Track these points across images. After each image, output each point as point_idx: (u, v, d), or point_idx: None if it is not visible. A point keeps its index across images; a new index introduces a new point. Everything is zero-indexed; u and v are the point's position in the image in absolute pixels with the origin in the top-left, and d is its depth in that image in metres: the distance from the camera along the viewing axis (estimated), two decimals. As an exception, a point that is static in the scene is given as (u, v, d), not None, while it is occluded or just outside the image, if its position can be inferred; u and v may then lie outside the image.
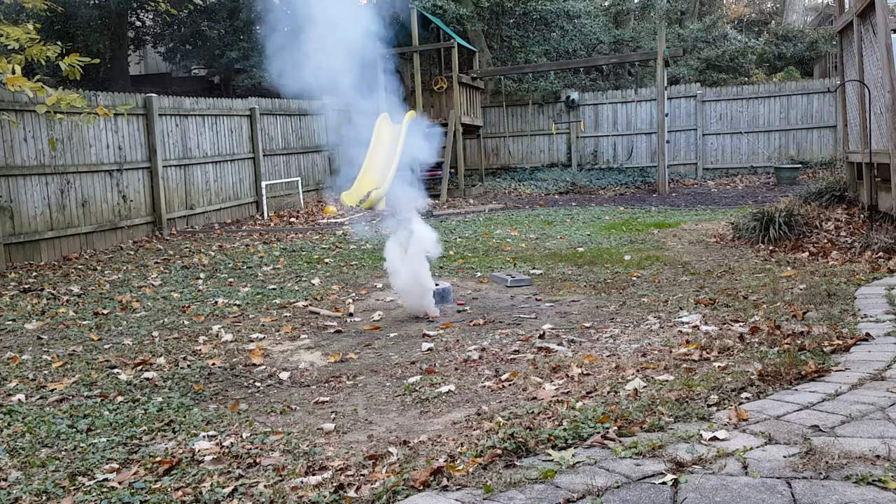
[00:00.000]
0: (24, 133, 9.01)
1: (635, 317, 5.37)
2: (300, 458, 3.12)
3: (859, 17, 8.03)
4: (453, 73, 15.96)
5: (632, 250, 8.35)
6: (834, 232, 7.88)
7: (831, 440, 2.71)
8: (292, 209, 14.33)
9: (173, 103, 11.78)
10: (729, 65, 20.34)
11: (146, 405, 3.93)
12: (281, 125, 14.72)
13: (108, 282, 7.76)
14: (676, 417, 3.05)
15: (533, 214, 12.64)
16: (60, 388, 4.31)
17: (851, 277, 5.92)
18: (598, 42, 21.15)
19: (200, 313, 6.22)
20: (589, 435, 2.89)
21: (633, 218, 11.51)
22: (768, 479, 2.43)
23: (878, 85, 7.38)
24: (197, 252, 9.52)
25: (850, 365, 3.67)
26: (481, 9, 19.38)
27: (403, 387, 4.08)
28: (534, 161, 19.23)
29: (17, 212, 8.89)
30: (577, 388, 3.72)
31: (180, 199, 11.80)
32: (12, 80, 6.48)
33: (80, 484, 2.99)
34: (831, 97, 16.45)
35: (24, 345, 5.46)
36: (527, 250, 8.81)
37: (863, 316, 4.69)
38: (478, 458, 2.74)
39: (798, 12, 27.19)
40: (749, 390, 3.38)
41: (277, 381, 4.39)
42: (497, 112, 19.31)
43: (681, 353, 4.13)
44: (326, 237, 10.59)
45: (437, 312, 5.86)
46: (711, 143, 17.95)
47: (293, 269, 8.20)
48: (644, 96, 18.06)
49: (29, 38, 6.93)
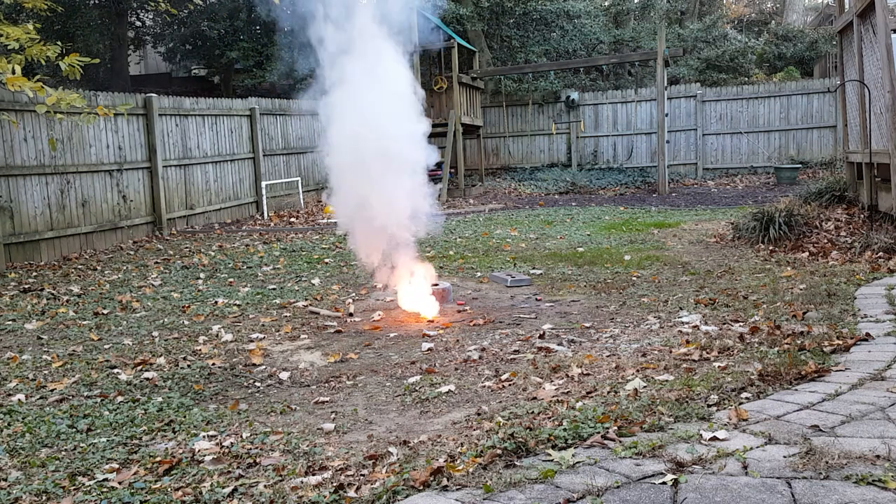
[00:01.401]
0: (24, 133, 9.01)
1: (635, 317, 5.38)
2: (300, 458, 3.12)
3: (859, 17, 8.03)
4: (453, 73, 15.96)
5: (632, 250, 8.35)
6: (834, 232, 7.88)
7: (831, 440, 2.70)
8: (292, 209, 14.33)
9: (173, 103, 11.78)
10: (729, 65, 20.34)
11: (146, 405, 3.93)
12: (281, 125, 14.72)
13: (108, 282, 7.76)
14: (676, 417, 3.05)
15: (533, 214, 12.64)
16: (60, 388, 4.31)
17: (851, 277, 5.92)
18: (598, 42, 21.15)
19: (200, 313, 6.22)
20: (589, 435, 2.89)
21: (633, 218, 11.51)
22: (768, 479, 2.43)
23: (878, 85, 7.38)
24: (197, 252, 9.52)
25: (850, 365, 3.67)
26: (481, 9, 19.38)
27: (403, 387, 4.08)
28: (534, 161, 19.23)
29: (17, 212, 8.89)
30: (577, 388, 3.72)
31: (180, 199, 11.80)
32: (12, 80, 6.47)
33: (80, 484, 2.99)
34: (831, 97, 16.44)
35: (24, 345, 5.46)
36: (527, 250, 8.81)
37: (863, 316, 4.69)
38: (478, 458, 2.74)
39: (798, 12, 27.20)
40: (749, 390, 3.38)
41: (277, 381, 4.39)
42: (497, 112, 19.31)
43: (681, 353, 4.13)
44: (326, 237, 10.59)
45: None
46: (711, 143, 17.94)
47: (293, 269, 8.20)
48: (644, 96, 18.06)
49: (29, 38, 6.93)
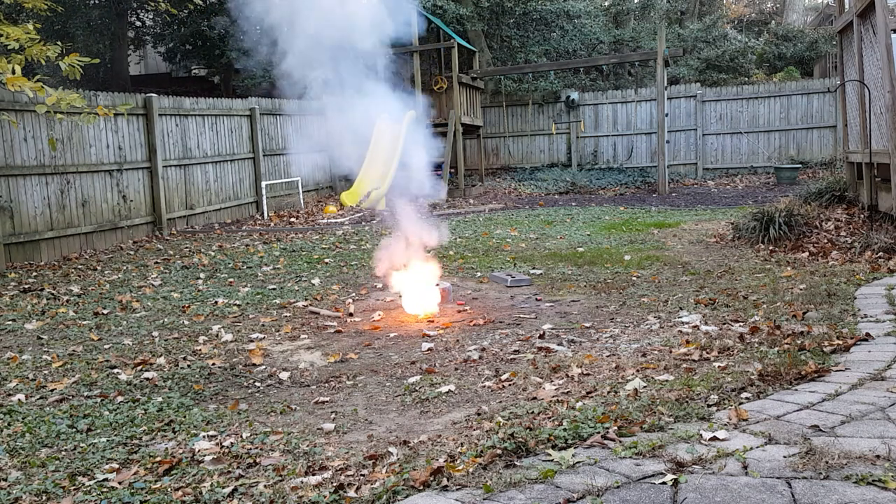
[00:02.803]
0: (24, 133, 9.01)
1: (635, 317, 5.37)
2: (300, 458, 3.12)
3: (859, 17, 8.03)
4: (453, 73, 15.96)
5: (632, 250, 8.35)
6: (834, 232, 7.88)
7: (831, 440, 2.70)
8: (292, 209, 14.32)
9: (173, 103, 11.78)
10: (729, 65, 20.34)
11: (146, 405, 3.93)
12: (281, 125, 14.72)
13: (108, 282, 7.76)
14: (676, 417, 3.05)
15: (533, 214, 12.64)
16: (60, 388, 4.31)
17: (851, 277, 5.92)
18: (598, 42, 21.15)
19: (200, 313, 6.22)
20: (589, 435, 2.89)
21: (633, 218, 11.51)
22: (768, 479, 2.43)
23: (878, 85, 7.38)
24: (197, 252, 9.52)
25: (850, 365, 3.67)
26: (481, 9, 19.37)
27: (403, 387, 4.08)
28: (534, 161, 19.22)
29: (17, 212, 8.89)
30: (577, 388, 3.72)
31: (180, 199, 11.80)
32: (12, 80, 6.47)
33: (80, 484, 2.99)
34: (831, 97, 16.44)
35: (24, 345, 5.46)
36: (527, 250, 8.81)
37: (863, 316, 4.69)
38: (478, 458, 2.74)
39: (798, 12, 27.20)
40: (749, 390, 3.38)
41: (277, 381, 4.39)
42: (497, 112, 19.31)
43: (681, 353, 4.13)
44: (326, 237, 10.59)
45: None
46: (711, 143, 17.94)
47: (293, 269, 8.20)
48: (644, 96, 18.06)
49: (29, 38, 6.92)
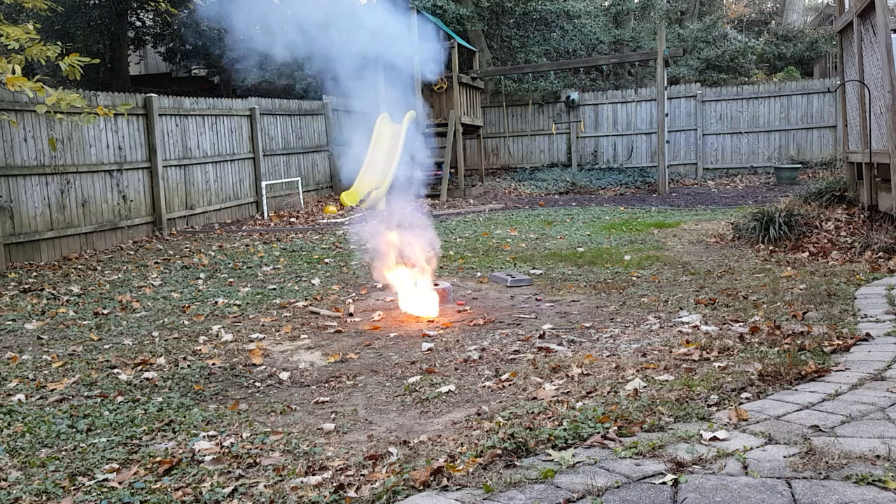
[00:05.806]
0: (24, 133, 9.01)
1: (635, 317, 5.37)
2: (300, 458, 3.12)
3: (859, 17, 8.03)
4: (453, 73, 15.95)
5: (632, 250, 8.35)
6: (834, 232, 7.87)
7: (831, 440, 2.70)
8: (292, 209, 14.32)
9: (173, 103, 11.78)
10: (729, 65, 20.34)
11: (146, 405, 3.93)
12: (281, 125, 14.72)
13: (108, 282, 7.76)
14: (676, 417, 3.05)
15: (533, 214, 12.64)
16: (60, 388, 4.31)
17: (851, 277, 5.92)
18: (598, 42, 21.14)
19: (200, 313, 6.22)
20: (589, 435, 2.89)
21: (633, 218, 11.51)
22: (768, 479, 2.43)
23: (878, 85, 7.38)
24: (197, 252, 9.52)
25: (850, 365, 3.67)
26: (481, 9, 19.37)
27: (403, 387, 4.08)
28: (534, 161, 19.22)
29: (17, 212, 8.89)
30: (577, 388, 3.72)
31: (180, 199, 11.80)
32: (12, 80, 6.48)
33: (80, 484, 2.99)
34: (831, 97, 16.44)
35: (24, 345, 5.45)
36: (527, 250, 8.81)
37: (863, 316, 4.69)
38: (478, 458, 2.74)
39: (798, 12, 27.19)
40: (749, 390, 3.38)
41: (277, 381, 4.39)
42: (497, 112, 19.30)
43: (681, 353, 4.13)
44: (326, 237, 10.59)
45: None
46: (711, 143, 17.94)
47: (293, 269, 8.20)
48: (644, 96, 18.05)
49: (29, 38, 6.93)
